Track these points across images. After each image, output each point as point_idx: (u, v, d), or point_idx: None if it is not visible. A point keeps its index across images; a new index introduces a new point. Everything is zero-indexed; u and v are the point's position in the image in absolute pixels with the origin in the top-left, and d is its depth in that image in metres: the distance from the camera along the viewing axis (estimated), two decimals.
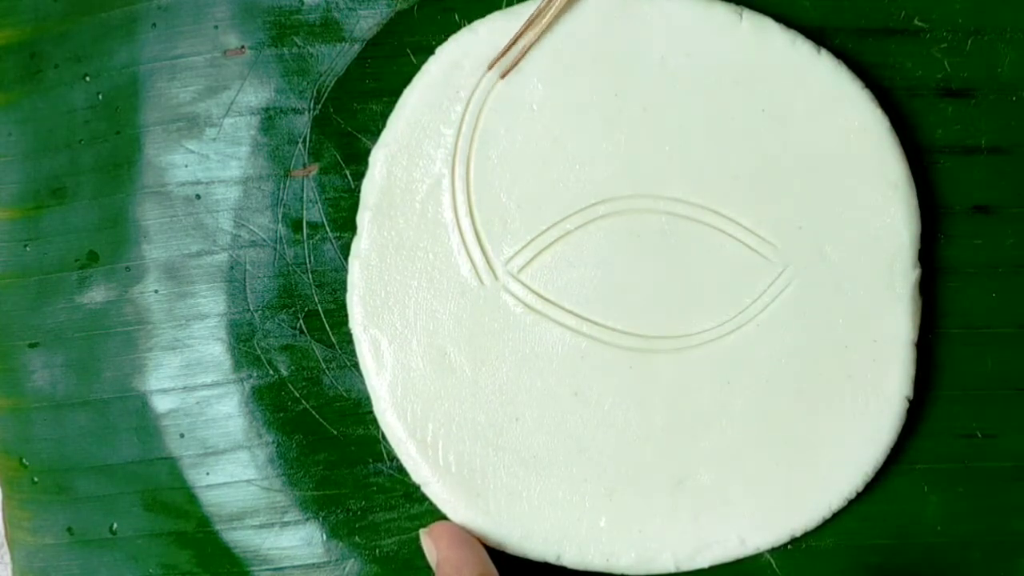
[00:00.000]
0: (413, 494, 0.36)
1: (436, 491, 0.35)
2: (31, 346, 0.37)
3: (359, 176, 0.36)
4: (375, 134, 0.35)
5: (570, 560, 0.35)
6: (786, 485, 0.34)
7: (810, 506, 0.34)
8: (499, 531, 0.35)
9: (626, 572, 0.35)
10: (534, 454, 0.35)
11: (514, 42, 0.34)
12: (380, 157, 0.35)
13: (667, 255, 0.35)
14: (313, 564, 0.36)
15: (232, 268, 0.36)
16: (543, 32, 0.34)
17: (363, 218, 0.35)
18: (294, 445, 0.36)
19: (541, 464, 0.35)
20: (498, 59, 0.34)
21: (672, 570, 0.35)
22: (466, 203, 0.35)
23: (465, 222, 0.35)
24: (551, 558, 0.35)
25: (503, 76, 0.35)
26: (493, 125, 0.35)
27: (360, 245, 0.35)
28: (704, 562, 0.35)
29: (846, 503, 0.35)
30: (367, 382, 0.35)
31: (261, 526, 0.36)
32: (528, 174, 0.35)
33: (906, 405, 0.35)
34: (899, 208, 0.35)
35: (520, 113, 0.35)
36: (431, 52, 0.35)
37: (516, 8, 0.35)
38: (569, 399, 0.35)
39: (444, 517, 0.35)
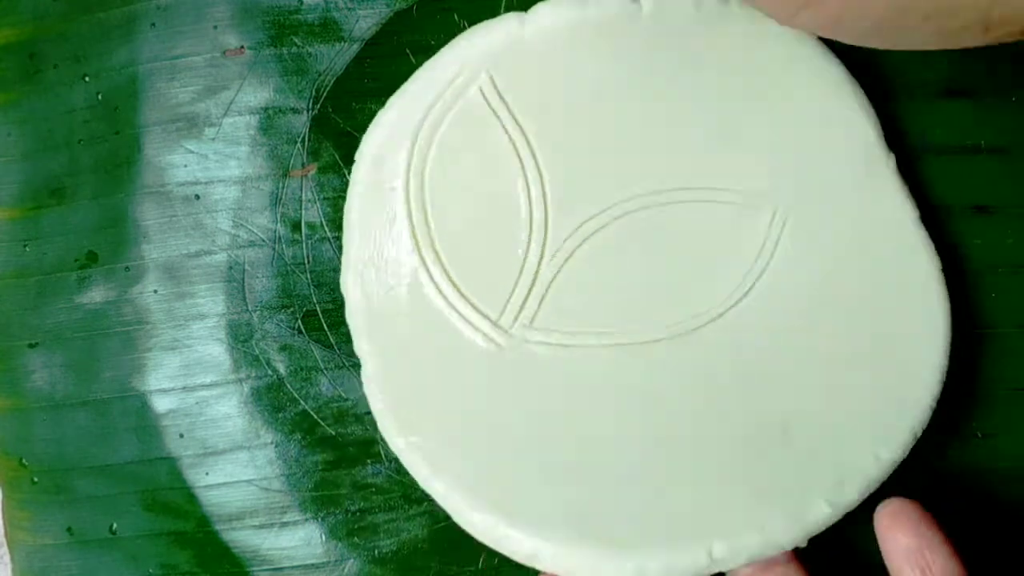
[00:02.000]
0: (411, 495, 0.36)
1: (551, 560, 0.33)
2: (30, 346, 0.37)
3: None
4: None
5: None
6: (873, 398, 0.34)
7: (895, 427, 0.34)
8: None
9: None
10: (630, 472, 0.33)
11: None
12: (350, 281, 0.35)
13: (663, 244, 0.34)
14: (312, 564, 0.36)
15: (231, 268, 0.36)
16: None
17: (361, 348, 0.34)
18: (293, 445, 0.36)
19: (646, 486, 0.33)
20: None
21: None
22: (447, 280, 0.34)
23: (454, 298, 0.34)
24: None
25: None
26: (439, 189, 0.34)
27: (369, 370, 0.34)
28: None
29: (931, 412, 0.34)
30: (427, 488, 0.34)
31: (260, 526, 0.36)
32: (491, 228, 0.34)
33: (941, 276, 0.34)
34: (850, 103, 0.34)
35: (461, 170, 0.34)
36: (430, 52, 0.35)
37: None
38: (638, 411, 0.34)
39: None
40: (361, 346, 0.35)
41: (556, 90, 0.34)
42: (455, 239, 0.34)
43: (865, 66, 0.35)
